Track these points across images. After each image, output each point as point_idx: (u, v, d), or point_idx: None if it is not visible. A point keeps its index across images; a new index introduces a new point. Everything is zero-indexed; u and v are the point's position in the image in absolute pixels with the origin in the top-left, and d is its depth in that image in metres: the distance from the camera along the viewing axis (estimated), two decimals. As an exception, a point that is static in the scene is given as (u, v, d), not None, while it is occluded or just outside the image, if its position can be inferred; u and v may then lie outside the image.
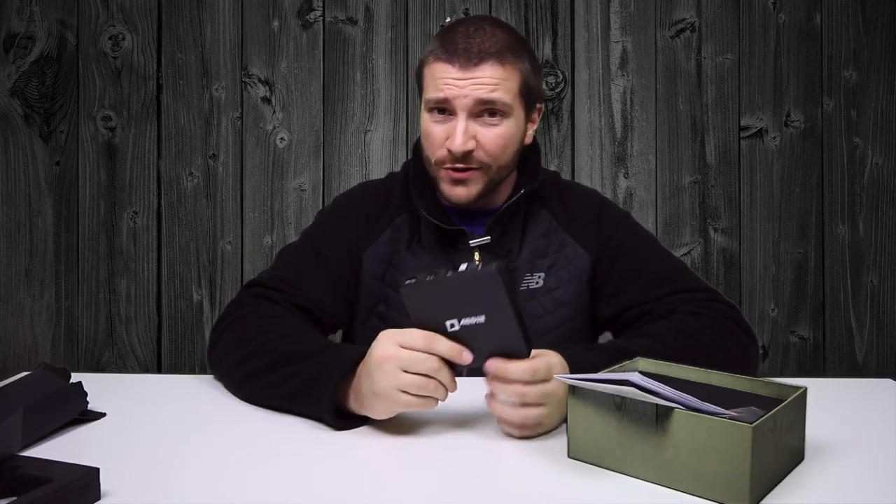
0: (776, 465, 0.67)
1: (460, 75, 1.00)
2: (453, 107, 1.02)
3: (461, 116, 1.01)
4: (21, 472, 0.63)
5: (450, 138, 1.02)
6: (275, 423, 0.86)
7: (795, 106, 1.90)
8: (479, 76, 1.00)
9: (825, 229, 1.91)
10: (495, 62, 1.01)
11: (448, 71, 1.01)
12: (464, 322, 0.75)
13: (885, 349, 1.92)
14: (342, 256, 1.12)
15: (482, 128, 1.03)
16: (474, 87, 1.00)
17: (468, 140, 1.02)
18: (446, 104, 1.02)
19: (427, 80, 1.05)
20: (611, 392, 0.69)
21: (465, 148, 1.01)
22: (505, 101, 1.02)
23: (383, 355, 0.78)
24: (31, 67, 1.85)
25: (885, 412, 0.89)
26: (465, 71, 1.00)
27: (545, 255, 1.11)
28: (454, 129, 1.02)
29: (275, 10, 1.88)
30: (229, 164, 1.88)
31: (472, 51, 1.00)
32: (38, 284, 1.87)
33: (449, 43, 1.02)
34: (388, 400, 0.78)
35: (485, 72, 1.00)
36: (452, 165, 1.04)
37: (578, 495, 0.66)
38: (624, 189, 1.90)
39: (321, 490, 0.68)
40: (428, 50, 1.06)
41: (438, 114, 1.04)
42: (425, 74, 1.06)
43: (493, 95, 1.01)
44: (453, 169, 1.04)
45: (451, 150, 1.02)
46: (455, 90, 1.01)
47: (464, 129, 1.01)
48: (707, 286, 1.09)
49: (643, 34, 1.90)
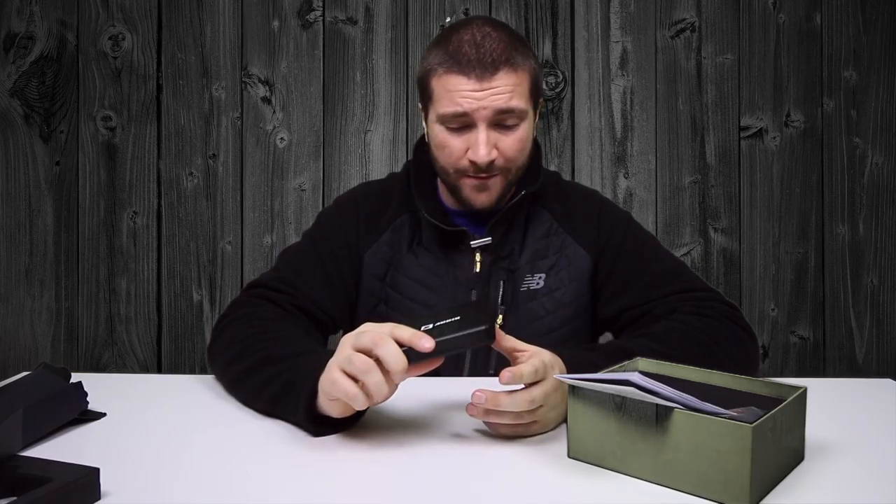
0: (776, 465, 0.67)
1: (477, 87, 0.99)
2: (473, 119, 1.01)
3: (482, 127, 1.01)
4: (21, 472, 0.63)
5: (471, 149, 1.02)
6: (274, 423, 0.86)
7: (795, 106, 1.90)
8: (496, 86, 1.00)
9: (825, 229, 1.91)
10: (508, 69, 1.00)
11: (463, 83, 1.00)
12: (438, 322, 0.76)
13: (885, 349, 1.92)
14: (343, 257, 1.12)
15: (501, 135, 1.03)
16: (493, 97, 1.00)
17: (492, 150, 1.02)
18: (465, 118, 1.01)
19: (438, 93, 1.03)
20: (611, 392, 0.69)
21: (490, 158, 1.02)
22: (521, 107, 1.02)
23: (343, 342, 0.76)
24: (31, 67, 1.85)
25: (885, 412, 0.89)
26: (481, 82, 0.99)
27: (546, 255, 1.11)
28: (476, 140, 1.01)
29: (275, 10, 1.88)
30: (229, 164, 1.88)
31: (486, 61, 0.99)
32: (38, 284, 1.87)
33: (458, 54, 1.01)
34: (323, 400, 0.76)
35: (500, 80, 1.00)
36: (476, 175, 1.04)
37: (578, 495, 0.66)
38: (624, 189, 1.90)
39: (321, 490, 0.68)
40: (434, 61, 1.04)
41: (454, 126, 1.03)
42: (435, 87, 1.04)
43: (511, 104, 1.01)
44: (476, 177, 1.05)
45: (475, 162, 1.02)
46: (474, 103, 1.00)
47: (486, 139, 1.01)
48: (707, 286, 1.09)
49: (643, 34, 1.90)
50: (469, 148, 1.02)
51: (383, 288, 1.11)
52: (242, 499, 0.66)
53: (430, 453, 0.76)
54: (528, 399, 0.75)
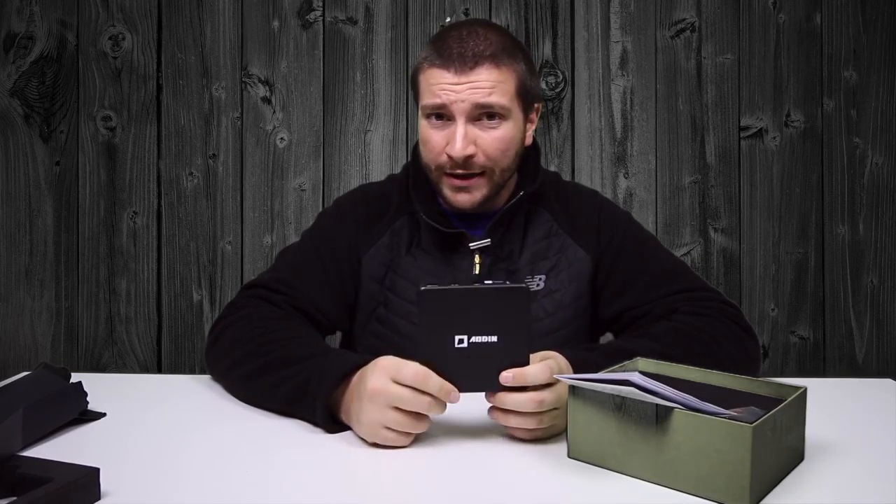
0: (776, 465, 0.67)
1: (456, 80, 1.00)
2: (451, 112, 1.01)
3: (460, 121, 1.01)
4: (21, 472, 0.63)
5: (449, 144, 1.02)
6: (275, 423, 0.86)
7: (795, 106, 1.90)
8: (475, 80, 1.00)
9: (825, 229, 1.91)
10: (490, 65, 1.00)
11: (443, 76, 1.00)
12: (473, 339, 0.73)
13: (885, 349, 1.92)
14: (342, 258, 1.12)
15: (481, 132, 1.02)
16: (471, 91, 1.00)
17: (468, 145, 1.01)
18: (444, 110, 1.02)
19: (423, 86, 1.04)
20: (611, 392, 0.69)
21: (466, 153, 1.01)
22: (502, 104, 1.01)
23: (375, 388, 0.76)
24: (31, 67, 1.85)
25: (885, 412, 0.89)
26: (460, 75, 1.00)
27: (546, 257, 1.11)
28: (453, 134, 1.01)
29: (275, 10, 1.88)
30: (229, 164, 1.88)
31: (467, 55, 1.00)
32: (38, 284, 1.87)
33: (442, 48, 1.02)
34: (370, 433, 0.77)
35: (480, 75, 1.00)
36: (453, 172, 1.03)
37: (578, 495, 0.66)
38: (624, 189, 1.90)
39: (320, 490, 0.68)
40: (421, 56, 1.06)
41: (436, 120, 1.03)
42: (420, 81, 1.05)
43: (490, 99, 1.00)
44: (455, 176, 1.04)
45: (451, 156, 1.02)
46: (452, 95, 1.00)
47: (463, 133, 1.01)
48: (708, 286, 1.09)
49: (643, 34, 1.90)
50: (448, 143, 1.02)
51: (382, 290, 1.10)
52: (242, 499, 0.66)
53: (430, 453, 0.76)
54: (538, 400, 0.75)
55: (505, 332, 0.73)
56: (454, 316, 0.73)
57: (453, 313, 0.73)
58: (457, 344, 0.74)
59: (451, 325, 0.74)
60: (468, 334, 0.73)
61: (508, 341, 0.73)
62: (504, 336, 0.73)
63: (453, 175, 1.04)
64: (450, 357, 0.74)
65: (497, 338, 0.73)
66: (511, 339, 0.73)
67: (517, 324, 0.73)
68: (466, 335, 0.73)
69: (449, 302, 0.73)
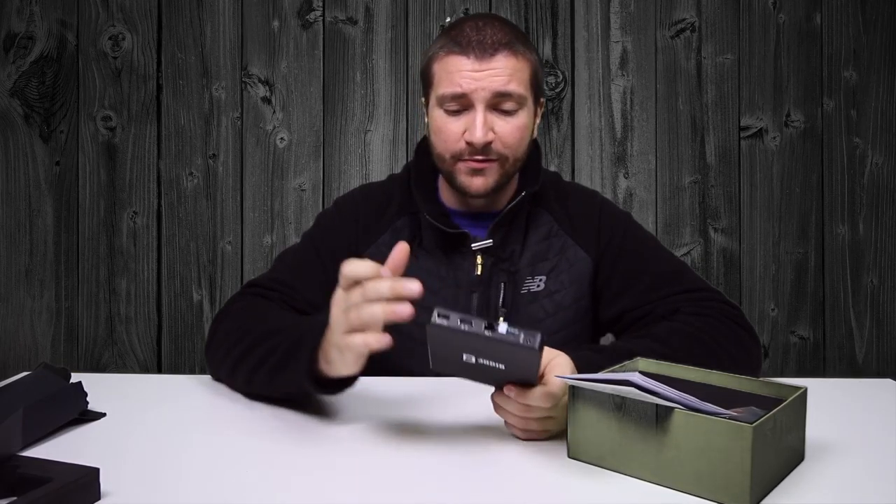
0: (776, 465, 0.67)
1: (476, 67, 1.00)
2: (471, 100, 1.02)
3: (479, 108, 1.01)
4: (21, 472, 0.63)
5: (468, 131, 1.02)
6: (275, 423, 0.86)
7: (795, 106, 1.90)
8: (495, 67, 1.00)
9: (825, 229, 1.91)
10: (509, 53, 1.01)
11: (463, 63, 1.01)
12: (482, 361, 0.73)
13: (885, 349, 1.92)
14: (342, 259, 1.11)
15: (499, 119, 1.03)
16: (492, 78, 1.00)
17: (488, 132, 1.02)
18: (464, 98, 1.02)
19: (439, 74, 1.04)
20: (611, 392, 0.68)
21: (486, 139, 1.02)
22: (520, 92, 1.02)
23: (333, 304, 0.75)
24: (31, 67, 1.85)
25: (885, 412, 0.89)
26: (480, 62, 1.00)
27: (546, 258, 1.11)
28: (473, 121, 1.02)
29: (275, 10, 1.88)
30: (229, 164, 1.88)
31: (486, 42, 1.01)
32: (38, 284, 1.87)
33: (459, 36, 1.02)
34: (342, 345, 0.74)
35: (500, 62, 1.01)
36: (472, 157, 1.04)
37: (578, 495, 0.66)
38: (624, 189, 1.90)
39: (320, 490, 0.68)
40: (436, 47, 1.06)
41: (453, 108, 1.04)
42: (436, 70, 1.05)
43: (509, 87, 1.01)
44: (472, 160, 1.04)
45: (471, 143, 1.02)
46: (473, 83, 1.00)
47: (483, 120, 1.01)
48: (709, 286, 1.09)
49: (643, 34, 1.90)
50: (466, 130, 1.03)
51: (383, 289, 1.10)
52: (242, 499, 0.66)
53: (429, 453, 0.76)
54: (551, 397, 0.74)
55: (513, 368, 0.73)
56: (464, 345, 0.73)
57: (463, 344, 0.73)
58: (464, 359, 0.74)
59: (460, 349, 0.74)
60: (476, 357, 0.73)
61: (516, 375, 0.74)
62: (511, 370, 0.73)
63: (470, 159, 1.04)
64: (459, 366, 0.75)
65: (504, 367, 0.73)
66: (518, 374, 0.74)
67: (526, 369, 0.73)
68: (475, 357, 0.73)
69: (457, 337, 0.72)
